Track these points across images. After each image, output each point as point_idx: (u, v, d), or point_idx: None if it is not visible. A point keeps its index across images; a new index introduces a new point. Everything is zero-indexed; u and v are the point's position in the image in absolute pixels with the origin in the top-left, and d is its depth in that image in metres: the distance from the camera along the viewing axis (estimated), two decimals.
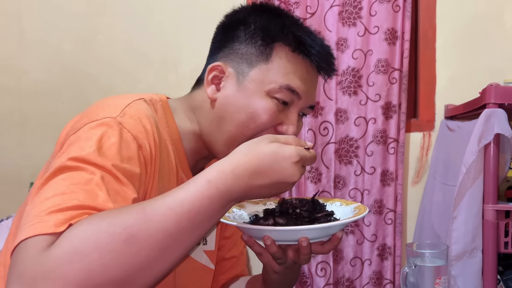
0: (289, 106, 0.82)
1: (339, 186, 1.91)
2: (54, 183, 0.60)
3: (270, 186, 0.65)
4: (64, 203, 0.56)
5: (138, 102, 0.76)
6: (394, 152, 1.85)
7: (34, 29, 2.05)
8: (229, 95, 0.81)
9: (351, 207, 0.81)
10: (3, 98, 2.07)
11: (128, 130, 0.69)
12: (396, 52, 1.83)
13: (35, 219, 0.55)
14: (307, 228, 0.69)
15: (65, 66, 2.05)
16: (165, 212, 0.57)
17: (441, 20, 1.92)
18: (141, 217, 0.56)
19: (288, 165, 0.64)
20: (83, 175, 0.61)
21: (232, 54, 0.82)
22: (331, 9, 1.85)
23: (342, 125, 1.89)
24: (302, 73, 0.81)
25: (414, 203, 1.95)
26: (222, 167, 0.63)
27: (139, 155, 0.69)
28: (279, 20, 0.82)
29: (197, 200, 0.59)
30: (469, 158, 1.26)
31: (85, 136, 0.66)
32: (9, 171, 2.04)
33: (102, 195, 0.59)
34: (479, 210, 1.27)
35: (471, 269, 1.27)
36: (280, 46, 0.81)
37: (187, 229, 0.58)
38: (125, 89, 1.98)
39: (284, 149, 0.65)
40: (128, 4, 2.03)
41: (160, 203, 0.58)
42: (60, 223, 0.54)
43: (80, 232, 0.53)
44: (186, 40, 2.01)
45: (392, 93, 1.85)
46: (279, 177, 0.64)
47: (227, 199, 0.62)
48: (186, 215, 0.58)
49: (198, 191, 0.60)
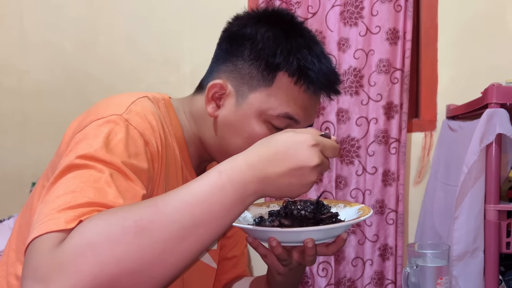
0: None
1: (341, 186, 1.91)
2: (64, 181, 0.61)
3: (290, 174, 0.61)
4: (74, 201, 0.57)
5: (142, 100, 0.76)
6: (395, 152, 1.85)
7: (35, 30, 2.06)
8: (227, 115, 0.81)
9: (355, 209, 0.81)
10: (5, 98, 2.07)
11: (134, 126, 0.69)
12: (398, 52, 1.83)
13: (47, 217, 0.56)
14: (312, 229, 0.69)
15: (66, 66, 2.05)
16: (178, 204, 0.57)
17: (443, 20, 1.92)
18: (153, 210, 0.56)
19: (303, 148, 0.61)
20: (92, 173, 0.61)
21: (235, 71, 0.81)
22: (332, 9, 1.85)
23: (343, 125, 1.88)
24: (302, 101, 0.80)
25: (415, 203, 1.94)
26: (236, 158, 0.62)
27: (146, 151, 0.69)
28: (287, 43, 0.78)
29: (208, 191, 0.58)
30: (471, 158, 1.25)
31: (92, 134, 0.66)
32: (11, 171, 2.04)
33: (111, 192, 0.60)
34: (481, 210, 1.26)
35: (472, 270, 1.27)
36: (284, 75, 0.78)
37: (202, 221, 0.57)
38: (126, 89, 1.98)
39: (299, 135, 0.62)
40: (129, 5, 2.03)
41: (172, 196, 0.58)
42: (70, 220, 0.55)
43: (91, 226, 0.54)
44: (187, 40, 2.01)
45: (393, 93, 1.85)
46: (296, 162, 0.60)
47: (242, 190, 0.59)
48: (199, 206, 0.57)
49: (209, 182, 0.59)
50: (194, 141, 0.86)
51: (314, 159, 0.61)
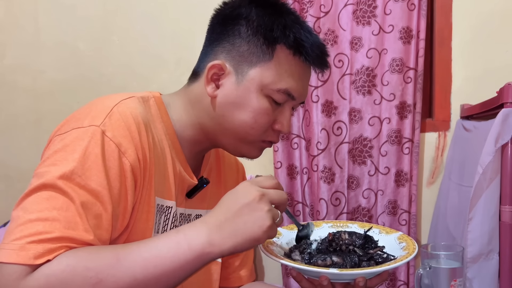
0: (282, 105, 0.84)
1: (353, 187, 1.89)
2: (38, 200, 0.64)
3: (239, 213, 0.67)
4: (45, 232, 0.61)
5: (127, 102, 0.77)
6: (408, 152, 1.83)
7: (50, 30, 2.08)
8: (228, 94, 0.82)
9: (394, 237, 0.83)
10: (19, 98, 2.10)
11: (110, 138, 0.70)
12: (411, 51, 1.81)
13: (17, 243, 0.60)
14: (370, 271, 0.71)
15: (80, 66, 2.06)
16: (135, 258, 0.62)
17: (457, 18, 1.89)
18: (113, 263, 0.61)
19: (240, 188, 0.69)
20: (65, 200, 0.64)
21: (233, 51, 0.82)
22: (345, 8, 1.84)
23: (356, 125, 1.87)
24: (299, 75, 0.83)
25: (428, 204, 1.92)
26: (194, 221, 0.69)
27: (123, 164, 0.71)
28: (281, 19, 0.82)
29: (164, 246, 0.64)
30: (486, 159, 1.24)
31: (70, 147, 0.68)
32: (25, 170, 2.05)
33: (81, 224, 0.64)
34: (496, 212, 1.25)
35: (487, 272, 1.26)
36: (282, 48, 0.81)
37: (154, 274, 0.62)
38: (138, 89, 1.97)
39: (239, 185, 0.71)
40: (142, 5, 2.04)
41: (134, 249, 0.64)
42: (39, 255, 0.59)
43: (57, 271, 0.59)
44: (200, 40, 2.00)
45: (407, 93, 1.83)
46: (240, 201, 0.68)
47: (196, 242, 0.65)
48: (153, 260, 0.63)
49: (167, 238, 0.66)
50: (188, 132, 0.86)
51: (252, 192, 0.68)
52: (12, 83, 2.10)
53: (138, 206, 0.75)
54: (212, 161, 0.97)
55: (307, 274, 0.74)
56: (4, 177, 2.10)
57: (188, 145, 0.87)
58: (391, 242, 0.81)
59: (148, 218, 0.77)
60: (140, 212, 0.76)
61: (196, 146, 0.89)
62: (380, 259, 0.75)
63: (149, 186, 0.76)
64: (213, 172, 0.97)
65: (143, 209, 0.76)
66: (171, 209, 0.82)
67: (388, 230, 0.85)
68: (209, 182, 0.89)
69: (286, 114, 0.85)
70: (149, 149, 0.76)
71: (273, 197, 0.69)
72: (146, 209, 0.77)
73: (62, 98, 2.07)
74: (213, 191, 0.95)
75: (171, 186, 0.82)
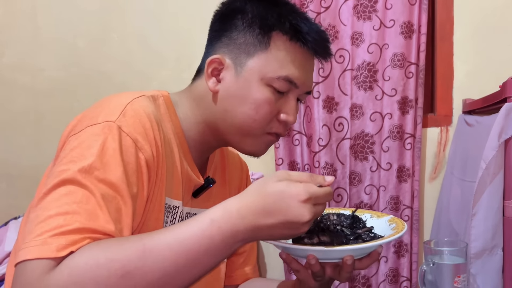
0: (286, 94, 0.83)
1: (355, 183, 1.89)
2: (57, 197, 0.62)
3: (280, 227, 0.62)
4: (66, 225, 0.59)
5: (139, 100, 0.76)
6: (410, 147, 1.82)
7: (49, 28, 2.07)
8: (229, 87, 0.82)
9: (385, 220, 0.81)
10: (19, 96, 2.09)
11: (127, 133, 0.70)
12: (413, 45, 1.80)
13: (39, 238, 0.58)
14: (356, 247, 0.69)
15: (79, 64, 2.06)
16: (164, 250, 0.59)
17: (459, 13, 1.88)
18: (140, 254, 0.58)
19: (294, 203, 0.61)
20: (85, 193, 0.62)
21: (231, 44, 0.82)
22: (346, 3, 1.83)
23: (357, 121, 1.86)
24: (300, 61, 0.82)
25: (431, 199, 1.92)
26: (229, 206, 0.63)
27: (139, 159, 0.70)
28: (276, 8, 0.82)
29: (197, 239, 0.60)
30: (489, 154, 1.23)
31: (87, 143, 0.67)
32: (25, 169, 2.06)
33: (102, 217, 0.62)
34: (499, 207, 1.24)
35: (491, 267, 1.25)
36: (278, 35, 0.80)
37: (185, 268, 0.60)
38: (138, 86, 1.98)
39: (291, 187, 0.62)
40: (142, 2, 2.03)
41: (161, 239, 0.60)
42: (61, 248, 0.57)
43: (80, 263, 0.57)
44: (200, 37, 1.98)
45: (408, 88, 1.82)
46: (286, 217, 0.61)
47: (231, 239, 0.62)
48: (184, 254, 0.60)
49: (199, 229, 0.61)
50: (195, 131, 0.86)
51: (305, 215, 0.61)
52: (12, 81, 2.09)
53: (149, 204, 0.74)
54: (217, 161, 0.97)
55: (294, 253, 0.72)
56: (4, 176, 2.10)
57: (195, 144, 0.87)
58: (382, 224, 0.80)
59: (159, 217, 0.76)
60: (151, 211, 0.75)
61: (202, 145, 0.88)
62: (368, 239, 0.74)
63: (161, 184, 0.75)
64: (218, 172, 0.97)
65: (154, 208, 0.75)
66: (178, 209, 0.82)
67: (379, 214, 0.84)
68: (215, 182, 0.88)
69: (291, 104, 0.83)
70: (162, 147, 0.75)
71: (319, 212, 0.65)
72: (158, 208, 0.76)
73: (61, 96, 2.06)
74: (218, 190, 0.94)
75: (179, 185, 0.81)
